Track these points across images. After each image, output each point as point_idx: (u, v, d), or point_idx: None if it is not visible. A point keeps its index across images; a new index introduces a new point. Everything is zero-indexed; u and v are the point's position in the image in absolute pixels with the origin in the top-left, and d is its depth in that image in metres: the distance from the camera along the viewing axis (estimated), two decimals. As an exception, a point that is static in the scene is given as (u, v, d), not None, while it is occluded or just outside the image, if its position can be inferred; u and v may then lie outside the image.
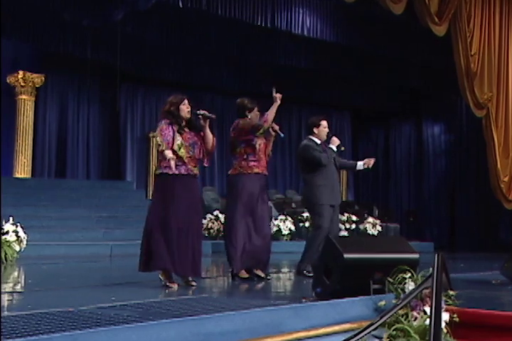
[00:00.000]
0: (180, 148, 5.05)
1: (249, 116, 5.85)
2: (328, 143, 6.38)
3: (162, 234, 4.99)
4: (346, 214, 12.99)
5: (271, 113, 5.70)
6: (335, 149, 6.34)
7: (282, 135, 5.89)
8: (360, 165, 6.59)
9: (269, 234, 5.90)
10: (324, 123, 6.37)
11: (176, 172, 5.04)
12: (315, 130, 6.33)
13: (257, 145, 5.78)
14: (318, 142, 6.33)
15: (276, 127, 5.88)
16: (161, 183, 5.12)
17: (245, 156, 5.79)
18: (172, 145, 5.03)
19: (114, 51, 11.29)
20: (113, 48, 11.30)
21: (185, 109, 5.14)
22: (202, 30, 11.39)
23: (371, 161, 6.54)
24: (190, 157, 5.11)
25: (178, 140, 5.06)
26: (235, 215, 5.66)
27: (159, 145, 5.09)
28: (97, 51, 11.63)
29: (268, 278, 5.80)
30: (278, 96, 5.73)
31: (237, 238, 5.62)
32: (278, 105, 5.72)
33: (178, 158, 5.05)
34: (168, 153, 4.98)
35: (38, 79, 12.13)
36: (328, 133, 6.37)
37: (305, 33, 11.11)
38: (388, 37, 11.70)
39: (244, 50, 12.13)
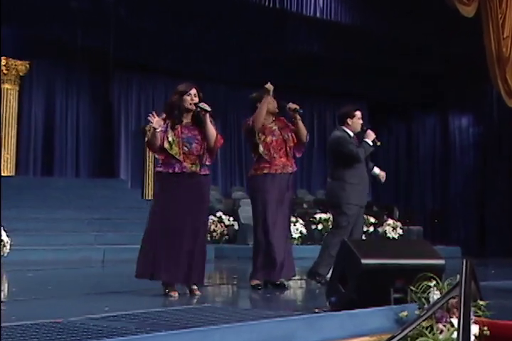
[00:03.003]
0: (171, 146, 5.03)
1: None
2: (362, 137, 6.36)
3: (161, 238, 4.99)
4: (364, 216, 12.96)
5: (259, 111, 5.72)
6: (370, 143, 6.30)
7: (301, 110, 5.93)
8: (376, 171, 6.62)
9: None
10: (359, 113, 6.38)
11: (170, 170, 5.05)
12: (349, 121, 6.31)
13: (261, 147, 5.80)
14: (351, 134, 6.33)
15: (294, 106, 5.88)
16: (156, 183, 5.18)
17: (256, 158, 5.94)
18: (163, 143, 5.03)
19: (107, 36, 11.29)
20: (105, 33, 11.30)
21: (188, 100, 5.10)
22: (204, 13, 11.36)
23: (384, 176, 6.65)
24: (185, 153, 5.06)
25: (170, 136, 5.04)
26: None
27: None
28: (87, 36, 11.62)
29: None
30: (268, 86, 5.77)
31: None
32: (268, 99, 5.79)
33: (170, 156, 5.05)
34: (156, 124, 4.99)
35: (22, 66, 12.16)
36: (362, 125, 6.37)
37: (317, 14, 11.09)
38: (410, 20, 11.64)
39: (251, 34, 12.10)
